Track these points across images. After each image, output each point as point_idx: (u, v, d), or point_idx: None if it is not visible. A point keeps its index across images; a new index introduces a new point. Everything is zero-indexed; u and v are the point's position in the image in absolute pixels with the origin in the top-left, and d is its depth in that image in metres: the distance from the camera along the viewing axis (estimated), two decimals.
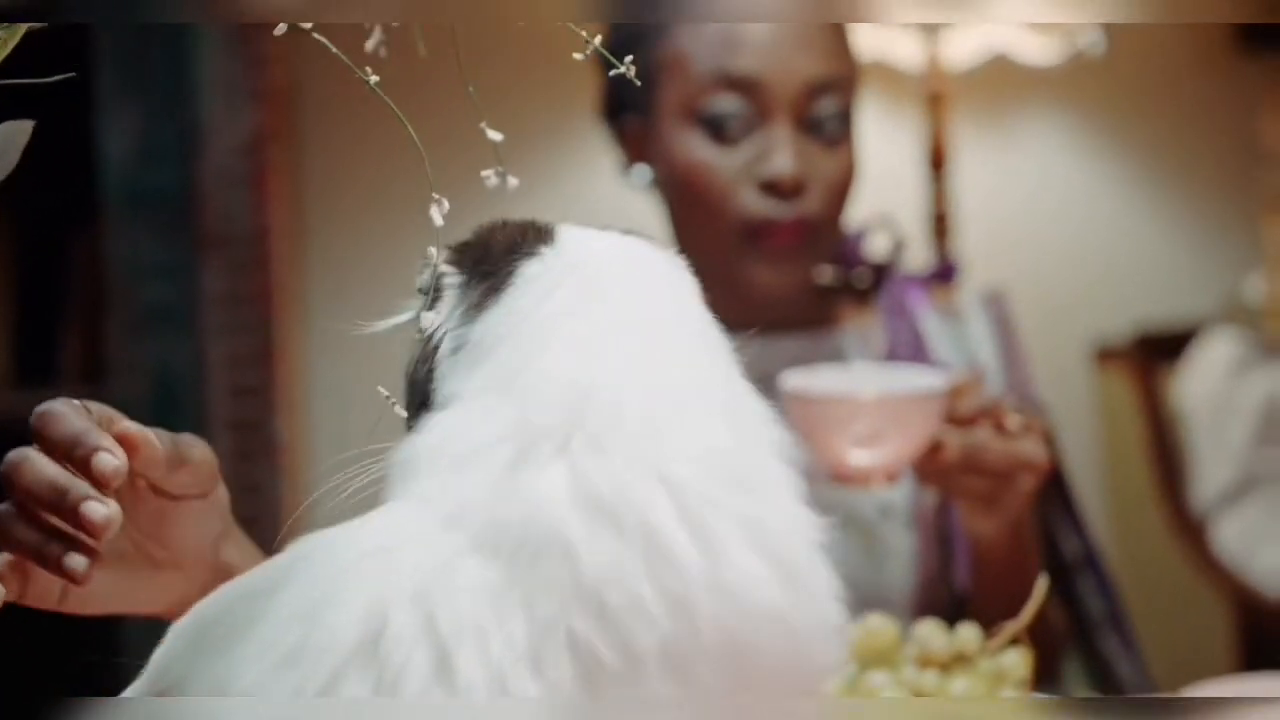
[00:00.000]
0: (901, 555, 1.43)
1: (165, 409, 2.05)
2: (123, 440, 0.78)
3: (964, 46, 2.44)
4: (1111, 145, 2.79)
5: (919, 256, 2.45)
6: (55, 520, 0.76)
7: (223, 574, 0.90)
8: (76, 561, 0.75)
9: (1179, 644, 2.54)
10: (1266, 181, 2.45)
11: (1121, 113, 2.78)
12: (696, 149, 1.39)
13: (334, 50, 0.66)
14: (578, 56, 0.72)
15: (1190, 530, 2.51)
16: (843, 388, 1.24)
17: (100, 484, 0.75)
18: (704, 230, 1.40)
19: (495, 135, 0.75)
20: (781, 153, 1.37)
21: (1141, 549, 2.63)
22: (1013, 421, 1.25)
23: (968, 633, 1.10)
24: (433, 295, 0.72)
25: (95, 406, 0.80)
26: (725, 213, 1.38)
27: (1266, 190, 2.46)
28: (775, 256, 1.39)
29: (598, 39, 0.73)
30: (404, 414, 0.73)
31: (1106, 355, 2.71)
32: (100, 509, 0.75)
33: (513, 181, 0.77)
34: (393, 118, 0.76)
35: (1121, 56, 2.59)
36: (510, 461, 0.65)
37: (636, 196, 1.50)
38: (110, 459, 0.75)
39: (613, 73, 0.73)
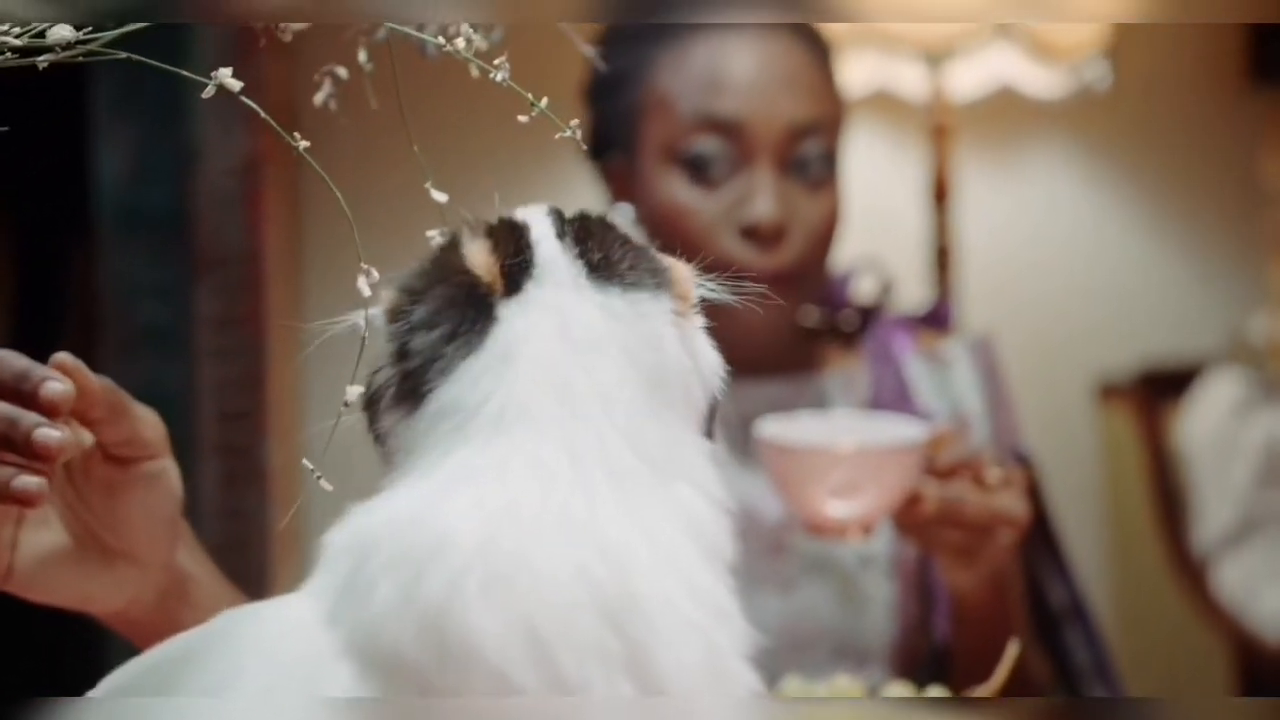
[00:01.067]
0: (881, 604, 1.42)
1: None
2: (60, 369, 0.78)
3: (969, 78, 2.42)
4: (1117, 180, 2.76)
5: (916, 293, 2.43)
6: (7, 456, 0.75)
7: (178, 580, 0.90)
8: (27, 482, 0.74)
9: (1177, 686, 2.51)
10: (1272, 218, 2.43)
11: (1127, 147, 2.76)
12: (678, 191, 1.37)
13: (263, 115, 0.64)
14: (522, 119, 0.70)
15: (1191, 571, 2.48)
16: (820, 438, 1.22)
17: (50, 411, 0.75)
18: None
19: (440, 196, 0.73)
20: (762, 197, 1.35)
21: (1141, 588, 2.61)
22: (993, 475, 1.23)
23: (937, 695, 1.08)
24: (357, 363, 0.70)
25: None
26: (704, 255, 1.36)
27: (1272, 227, 2.43)
28: (753, 301, 1.37)
29: (544, 101, 0.71)
30: (329, 487, 0.71)
31: (1109, 391, 2.69)
32: (53, 433, 0.74)
33: None
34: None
35: (1127, 90, 2.57)
36: (363, 582, 0.64)
37: None
38: (58, 384, 0.76)
39: (558, 135, 0.71)
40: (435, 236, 0.75)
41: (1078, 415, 2.74)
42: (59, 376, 0.76)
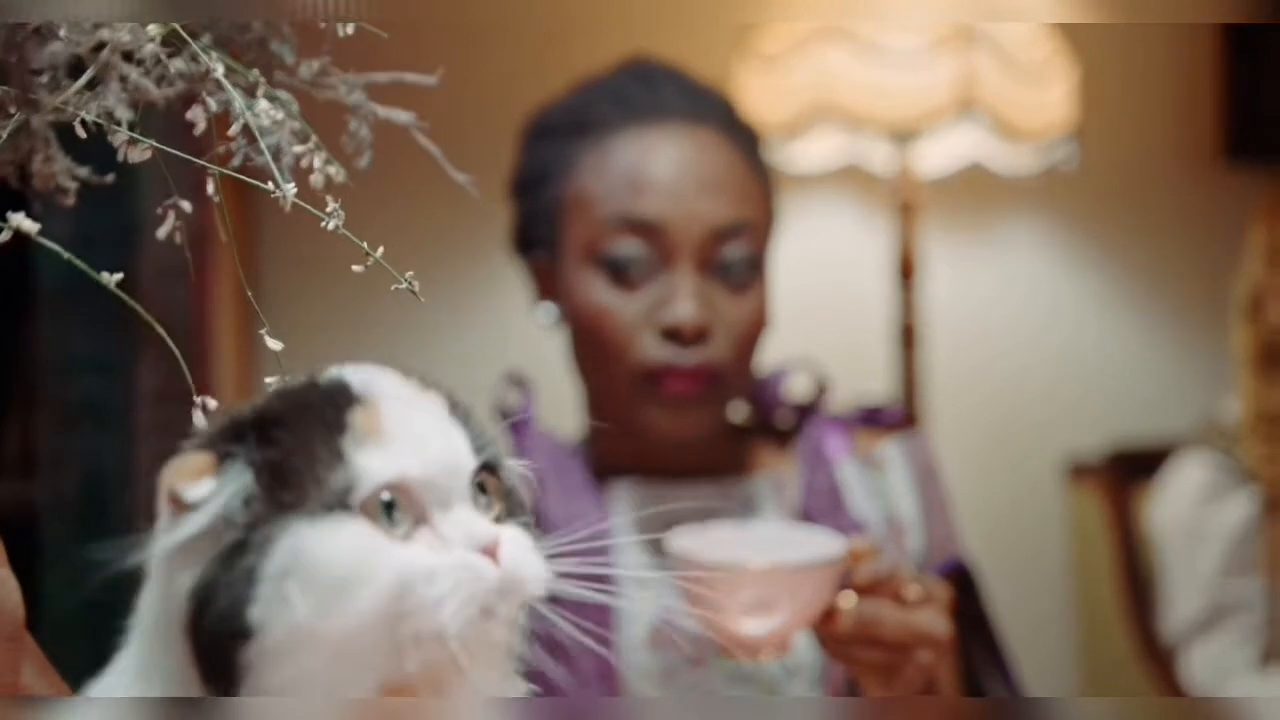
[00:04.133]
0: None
1: (93, 508, 2.00)
2: None
3: (936, 156, 2.39)
4: (1086, 259, 2.74)
5: (881, 371, 2.40)
6: None
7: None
8: None
9: None
10: (1241, 295, 2.38)
11: (1096, 226, 2.73)
12: (598, 291, 1.35)
13: (79, 264, 0.61)
14: (356, 269, 0.67)
15: (1159, 658, 2.43)
16: (731, 554, 1.18)
17: None
18: (605, 373, 1.36)
19: (275, 344, 0.71)
20: (682, 299, 1.32)
21: (1109, 674, 2.56)
22: (911, 592, 1.19)
23: None
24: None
25: None
26: (625, 357, 1.34)
27: (1241, 304, 2.39)
28: (676, 403, 1.35)
29: (380, 250, 0.68)
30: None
31: (1080, 472, 2.65)
32: None
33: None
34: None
35: (1096, 169, 2.54)
36: None
37: (544, 333, 1.46)
38: None
39: (394, 287, 0.68)
40: (272, 383, 0.72)
41: (1047, 496, 2.70)
42: None
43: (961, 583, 1.37)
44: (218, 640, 0.62)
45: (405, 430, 0.66)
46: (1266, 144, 2.74)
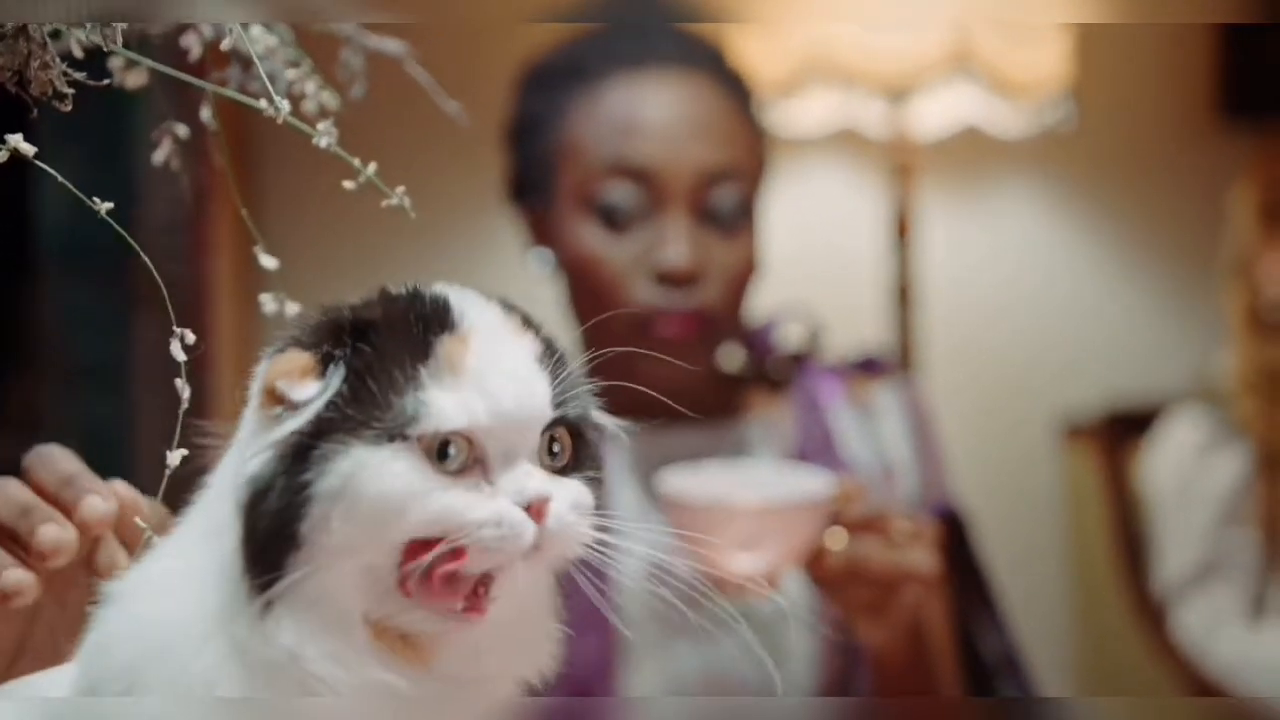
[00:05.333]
0: (801, 660, 1.39)
1: (93, 465, 2.02)
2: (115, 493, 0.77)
3: (931, 116, 2.40)
4: (1082, 218, 2.75)
5: (876, 333, 2.41)
6: (11, 545, 0.74)
7: None
8: (16, 577, 0.73)
9: None
10: (1229, 253, 2.40)
11: (1092, 186, 2.74)
12: (590, 237, 1.36)
13: (61, 179, 0.63)
14: (349, 185, 0.69)
15: (1152, 615, 2.45)
16: (722, 493, 1.20)
17: (83, 527, 0.75)
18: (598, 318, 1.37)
19: (270, 261, 0.72)
20: (675, 243, 1.34)
21: (1103, 631, 2.58)
22: (899, 530, 1.21)
23: None
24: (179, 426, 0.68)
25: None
26: (618, 302, 1.35)
27: (1229, 263, 2.40)
28: (669, 347, 1.36)
29: (372, 167, 0.69)
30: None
31: (1075, 432, 2.66)
32: (53, 531, 0.73)
33: (292, 308, 0.74)
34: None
35: (1092, 130, 2.55)
36: None
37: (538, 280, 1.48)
38: (99, 502, 0.75)
39: (384, 203, 0.70)
40: (268, 303, 0.74)
41: (1041, 455, 2.72)
42: (104, 491, 0.76)
43: (953, 526, 1.39)
44: (264, 537, 0.62)
45: (488, 372, 0.64)
46: (1262, 101, 2.75)
